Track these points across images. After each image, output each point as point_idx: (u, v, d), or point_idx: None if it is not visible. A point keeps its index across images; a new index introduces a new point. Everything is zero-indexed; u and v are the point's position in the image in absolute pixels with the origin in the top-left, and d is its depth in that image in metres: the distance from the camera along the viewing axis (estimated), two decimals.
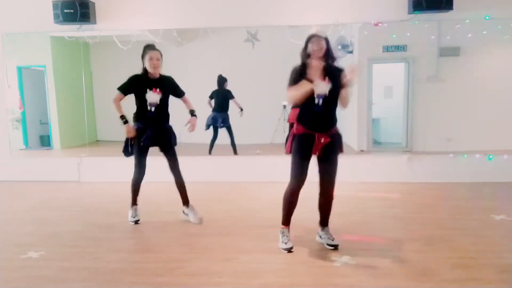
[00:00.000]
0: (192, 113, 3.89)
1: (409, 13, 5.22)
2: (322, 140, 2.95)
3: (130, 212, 3.89)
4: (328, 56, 2.99)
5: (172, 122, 3.93)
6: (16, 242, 3.44)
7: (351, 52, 7.09)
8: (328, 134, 2.98)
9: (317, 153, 3.01)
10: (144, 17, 5.63)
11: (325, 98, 2.92)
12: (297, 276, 2.72)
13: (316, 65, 2.99)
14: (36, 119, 7.31)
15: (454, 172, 5.51)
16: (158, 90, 3.63)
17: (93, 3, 5.52)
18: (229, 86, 6.68)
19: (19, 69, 6.94)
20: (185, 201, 3.94)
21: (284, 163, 3.41)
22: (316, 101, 2.92)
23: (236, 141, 6.62)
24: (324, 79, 2.92)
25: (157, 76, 3.69)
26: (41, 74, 7.13)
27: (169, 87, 3.76)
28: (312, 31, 3.01)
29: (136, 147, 3.71)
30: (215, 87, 6.69)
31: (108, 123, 7.96)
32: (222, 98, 6.61)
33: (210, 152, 6.52)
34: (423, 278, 2.63)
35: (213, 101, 6.66)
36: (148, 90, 3.62)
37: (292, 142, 3.08)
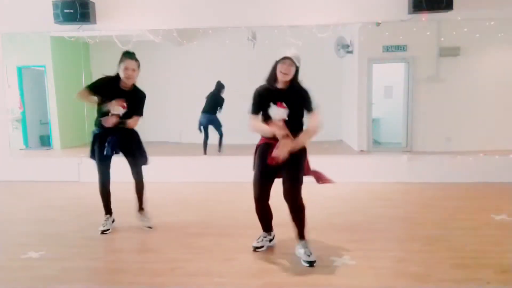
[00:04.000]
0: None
1: (409, 13, 5.22)
2: (273, 153, 2.80)
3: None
4: (293, 82, 2.90)
5: (170, 121, 3.90)
6: (16, 242, 3.44)
7: (351, 52, 7.10)
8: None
9: (273, 164, 2.84)
10: (144, 17, 5.63)
11: (285, 121, 2.85)
12: (297, 276, 2.72)
13: (279, 89, 2.91)
14: (36, 119, 7.32)
15: (454, 172, 5.50)
16: (125, 104, 3.37)
17: (93, 3, 5.51)
18: (229, 86, 6.69)
19: (19, 69, 6.94)
20: (141, 206, 3.80)
21: None
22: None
23: (236, 141, 6.62)
24: (281, 104, 2.85)
25: (129, 87, 3.44)
26: (41, 74, 7.13)
27: (135, 104, 3.47)
28: (288, 53, 2.87)
29: (97, 155, 3.52)
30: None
31: None
32: (213, 101, 6.67)
33: (205, 152, 6.56)
34: (423, 278, 2.63)
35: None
36: (114, 100, 3.35)
37: (254, 155, 3.04)
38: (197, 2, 5.59)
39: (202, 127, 6.66)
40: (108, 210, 3.71)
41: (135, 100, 3.47)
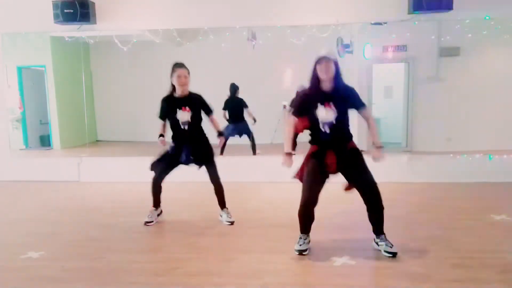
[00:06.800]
0: (220, 133, 3.95)
1: (409, 13, 5.21)
2: (329, 162, 2.92)
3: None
4: (336, 79, 2.92)
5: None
6: (16, 242, 3.44)
7: (351, 52, 7.10)
8: (343, 151, 2.97)
9: (333, 170, 2.96)
10: (144, 17, 5.63)
11: (333, 125, 2.90)
12: (297, 276, 2.72)
13: (324, 90, 2.93)
14: (36, 119, 7.31)
15: (454, 172, 5.50)
16: (187, 108, 3.68)
17: (93, 3, 5.51)
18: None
19: (19, 69, 6.94)
20: (222, 205, 4.00)
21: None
22: (323, 129, 2.92)
23: (237, 142, 6.60)
24: (329, 105, 2.88)
25: (186, 93, 3.72)
26: (41, 74, 7.13)
27: (198, 104, 3.78)
28: (322, 53, 2.90)
29: (167, 158, 3.77)
30: (215, 87, 6.65)
31: (108, 123, 7.97)
32: (235, 108, 6.42)
33: (222, 153, 6.47)
34: (423, 278, 2.63)
35: (227, 113, 6.48)
36: (177, 110, 3.67)
37: (306, 162, 3.05)
38: (197, 2, 5.59)
39: (230, 135, 6.35)
40: (155, 203, 3.88)
41: (196, 103, 3.75)
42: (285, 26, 5.56)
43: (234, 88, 6.46)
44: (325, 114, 2.88)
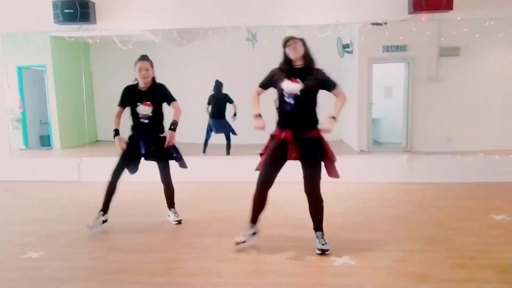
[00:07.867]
0: (172, 125, 3.70)
1: (409, 13, 5.22)
2: (283, 135, 2.94)
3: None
4: (306, 57, 3.00)
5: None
6: (16, 242, 3.44)
7: (351, 52, 7.10)
8: (305, 137, 2.94)
9: (293, 156, 2.94)
10: (144, 17, 5.63)
11: (297, 97, 2.91)
12: (297, 276, 2.72)
13: (295, 67, 3.01)
14: (36, 119, 7.31)
15: (454, 172, 5.50)
16: (148, 102, 3.61)
17: (93, 3, 5.51)
18: (229, 87, 6.66)
19: (19, 69, 6.94)
20: (170, 205, 3.94)
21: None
22: (287, 100, 2.94)
23: (237, 141, 6.61)
24: (295, 80, 2.92)
25: (148, 86, 3.65)
26: (41, 74, 7.12)
27: (159, 97, 3.69)
28: (288, 33, 3.00)
29: (125, 153, 3.68)
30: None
31: (108, 123, 7.94)
32: (219, 104, 6.54)
33: (204, 152, 6.50)
34: (423, 278, 2.63)
35: (210, 108, 6.61)
36: (138, 103, 3.61)
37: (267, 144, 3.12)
38: (197, 2, 5.59)
39: (210, 131, 6.53)
40: (105, 208, 3.68)
41: (157, 94, 3.67)
42: (285, 26, 5.55)
43: (218, 85, 6.56)
44: (290, 85, 2.92)
